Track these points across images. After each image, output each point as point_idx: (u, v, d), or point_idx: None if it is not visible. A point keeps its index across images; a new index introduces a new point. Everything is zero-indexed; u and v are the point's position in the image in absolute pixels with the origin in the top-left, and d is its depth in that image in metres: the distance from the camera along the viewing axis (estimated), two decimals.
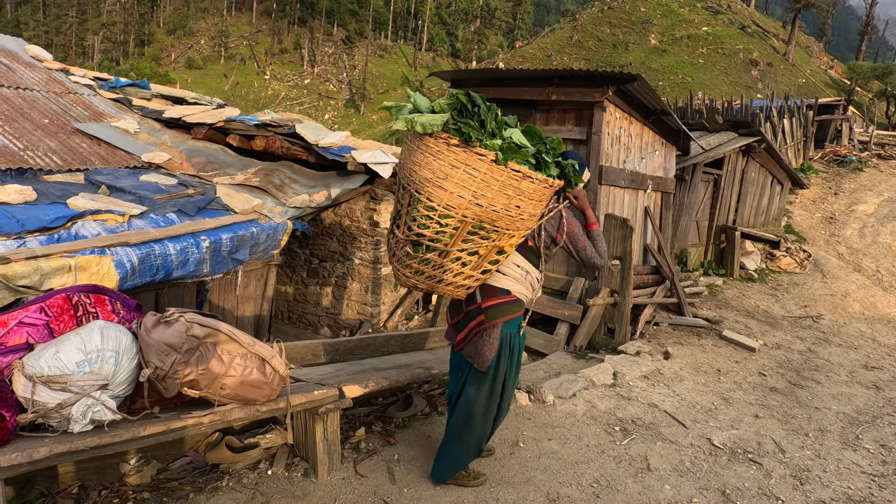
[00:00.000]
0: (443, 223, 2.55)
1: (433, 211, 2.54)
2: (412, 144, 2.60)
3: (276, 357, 2.70)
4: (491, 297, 2.88)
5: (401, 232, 2.66)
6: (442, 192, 2.50)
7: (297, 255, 8.27)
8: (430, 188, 2.52)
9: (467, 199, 2.50)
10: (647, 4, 50.32)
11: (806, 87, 37.67)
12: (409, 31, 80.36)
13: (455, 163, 2.47)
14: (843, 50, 69.63)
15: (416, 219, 2.58)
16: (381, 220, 7.67)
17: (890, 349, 7.97)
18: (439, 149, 2.48)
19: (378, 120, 63.08)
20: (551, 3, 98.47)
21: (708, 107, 18.91)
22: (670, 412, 4.76)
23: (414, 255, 2.66)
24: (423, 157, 2.53)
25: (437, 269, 2.68)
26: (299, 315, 8.30)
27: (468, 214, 2.53)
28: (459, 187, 2.48)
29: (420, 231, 2.58)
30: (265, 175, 7.11)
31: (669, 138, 9.01)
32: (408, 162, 2.62)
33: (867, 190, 16.00)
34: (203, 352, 2.55)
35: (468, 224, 2.56)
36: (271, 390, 2.68)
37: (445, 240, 2.59)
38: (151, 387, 2.48)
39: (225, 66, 64.89)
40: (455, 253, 2.63)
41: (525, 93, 7.38)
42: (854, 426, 5.04)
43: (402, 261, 2.72)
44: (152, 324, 2.53)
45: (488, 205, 2.52)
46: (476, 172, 2.47)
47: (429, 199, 2.53)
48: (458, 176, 2.47)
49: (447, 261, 2.65)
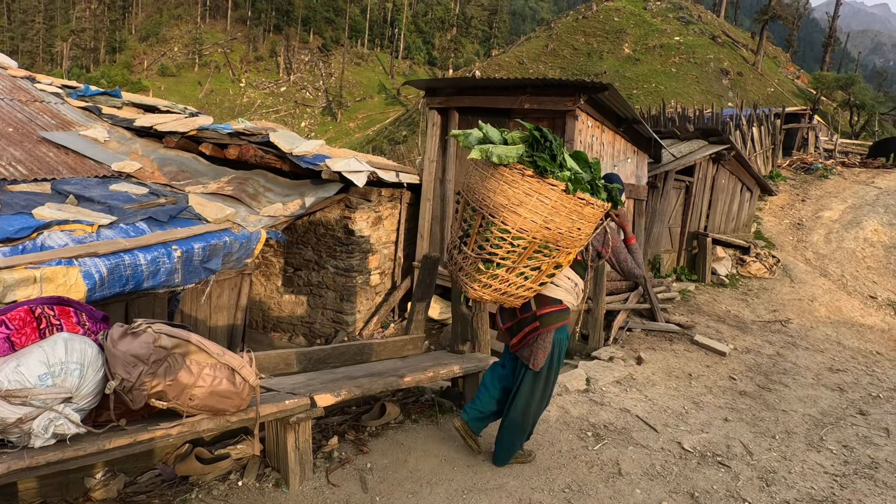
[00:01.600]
0: (514, 244, 2.85)
1: (507, 233, 2.82)
2: (485, 172, 2.86)
3: (246, 367, 2.69)
4: (545, 305, 3.24)
5: (470, 250, 2.97)
6: (516, 217, 2.79)
7: (272, 263, 8.22)
8: (504, 213, 2.80)
9: (539, 223, 2.80)
10: (620, 14, 51.05)
11: (774, 96, 38.54)
12: (385, 39, 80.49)
13: (529, 191, 2.76)
14: (809, 61, 71.53)
15: (488, 239, 2.87)
16: (356, 229, 7.67)
17: (854, 352, 8.18)
18: (514, 178, 2.76)
19: (355, 128, 63.00)
20: (527, 12, 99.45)
21: (680, 115, 19.26)
22: (642, 417, 4.82)
23: (484, 271, 2.96)
24: (497, 185, 2.80)
25: (503, 283, 3.00)
26: (274, 324, 8.23)
27: (538, 236, 2.83)
28: (532, 213, 2.78)
29: (493, 251, 2.88)
30: (239, 184, 7.06)
31: (641, 146, 9.17)
32: (480, 188, 2.88)
33: (832, 197, 16.43)
34: (171, 363, 2.53)
35: (536, 244, 2.87)
36: (241, 400, 2.66)
37: (514, 258, 2.90)
38: (118, 399, 2.45)
39: (199, 74, 64.28)
40: (520, 269, 2.95)
41: (499, 101, 7.46)
42: (819, 428, 5.17)
43: (472, 276, 3.01)
44: (119, 335, 2.50)
45: (555, 228, 2.83)
46: (548, 200, 2.77)
47: (503, 222, 2.81)
48: (532, 203, 2.76)
49: (513, 275, 2.97)
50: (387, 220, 8.20)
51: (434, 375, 3.97)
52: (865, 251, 12.74)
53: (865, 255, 12.63)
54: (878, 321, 9.96)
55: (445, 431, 4.06)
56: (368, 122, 63.36)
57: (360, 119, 64.72)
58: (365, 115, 65.65)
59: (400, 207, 8.42)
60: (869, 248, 12.83)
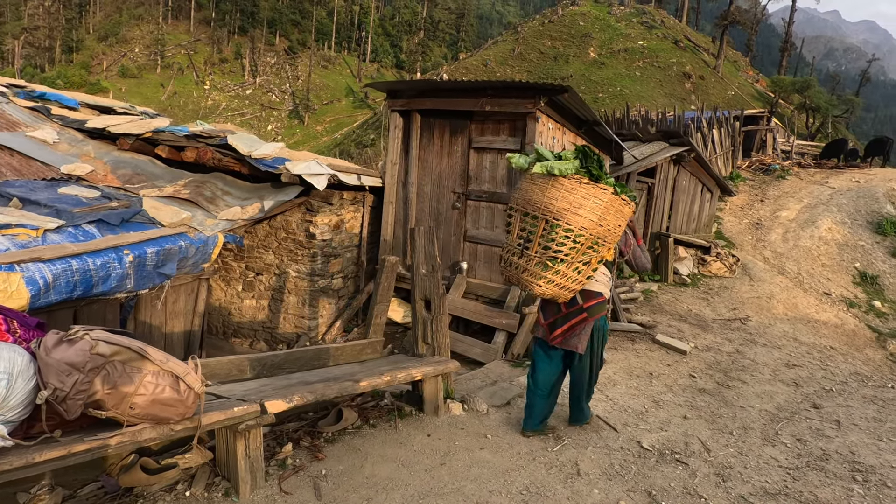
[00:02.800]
0: (577, 241, 3.43)
1: (571, 232, 3.40)
2: (545, 184, 3.45)
3: (190, 374, 2.60)
4: (590, 299, 3.83)
5: (534, 252, 3.50)
6: (578, 218, 3.39)
7: (232, 268, 8.05)
8: (568, 216, 3.39)
9: (595, 221, 3.42)
10: (585, 19, 51.80)
11: (735, 99, 39.51)
12: (353, 42, 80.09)
13: (586, 195, 3.39)
14: (767, 65, 73.55)
15: (553, 239, 3.43)
16: (317, 232, 7.56)
17: (809, 347, 8.39)
18: (573, 186, 3.38)
19: (323, 131, 62.45)
20: (494, 16, 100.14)
21: (644, 117, 19.56)
22: (602, 417, 4.84)
23: (551, 267, 3.49)
24: (559, 193, 3.40)
25: (563, 278, 3.54)
26: (235, 330, 8.07)
27: (594, 233, 3.44)
28: (590, 213, 3.40)
29: (558, 248, 3.43)
30: (196, 187, 6.91)
31: (603, 148, 9.27)
32: (541, 198, 3.45)
33: (789, 197, 16.87)
34: (110, 370, 2.44)
35: (591, 240, 3.46)
36: (186, 408, 2.58)
37: (574, 254, 3.46)
38: (52, 410, 2.34)
39: (162, 76, 62.95)
40: (576, 264, 3.51)
41: (461, 104, 7.45)
42: (774, 422, 5.27)
43: (537, 274, 3.54)
44: (53, 343, 2.40)
45: (606, 225, 3.46)
46: (601, 202, 3.41)
47: (567, 223, 3.39)
48: (589, 205, 3.39)
49: (570, 270, 3.52)
50: (349, 223, 8.12)
51: (391, 379, 3.93)
52: (820, 249, 13.11)
53: (820, 252, 12.99)
54: (832, 317, 10.24)
55: (404, 435, 4.02)
56: (336, 126, 62.92)
57: (328, 122, 64.22)
58: (332, 118, 65.17)
59: (363, 211, 8.34)
60: (824, 247, 13.21)
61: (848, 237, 13.55)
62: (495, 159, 7.48)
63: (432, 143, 7.93)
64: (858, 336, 9.77)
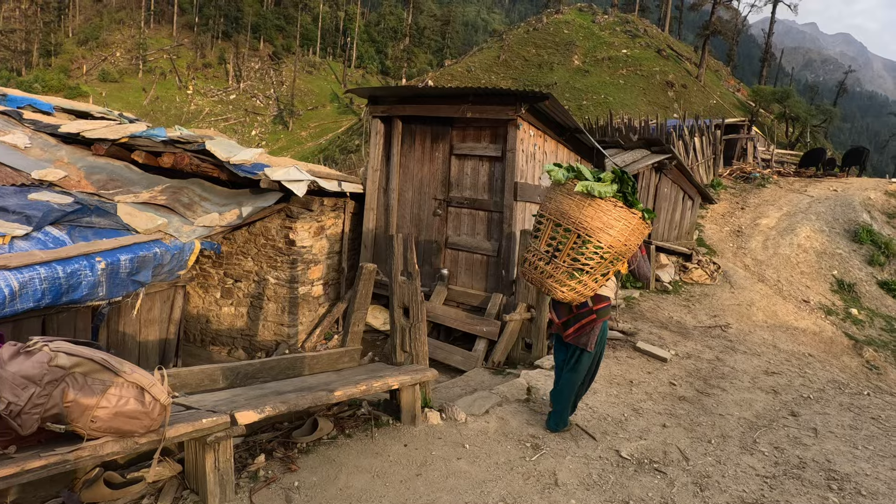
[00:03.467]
0: (604, 257, 3.81)
1: (600, 249, 3.78)
2: (582, 202, 3.77)
3: (156, 385, 2.53)
4: (599, 302, 4.21)
5: (562, 261, 3.87)
6: (607, 237, 3.76)
7: (211, 275, 7.94)
8: (600, 234, 3.75)
9: (621, 241, 3.80)
10: (570, 27, 52.15)
11: (717, 107, 39.96)
12: (338, 48, 80.00)
13: (618, 218, 3.74)
14: (748, 75, 74.65)
15: (583, 253, 3.80)
16: (297, 239, 7.49)
17: (788, 355, 8.45)
18: (608, 208, 3.73)
19: (307, 136, 62.19)
20: (479, 23, 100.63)
21: (626, 125, 19.69)
22: (581, 425, 4.81)
23: (576, 277, 3.87)
24: (594, 213, 3.74)
25: (584, 286, 3.92)
26: (213, 337, 7.95)
27: (618, 251, 3.83)
28: (619, 233, 3.77)
29: (586, 262, 3.81)
30: (173, 193, 6.81)
31: (584, 155, 9.30)
32: (577, 214, 3.78)
33: (769, 205, 17.06)
34: (70, 383, 2.36)
35: (612, 256, 3.83)
36: (151, 421, 2.50)
37: (598, 267, 3.84)
38: (6, 424, 2.26)
39: (144, 80, 62.30)
40: (596, 275, 3.89)
41: (442, 110, 7.43)
42: (753, 430, 5.28)
43: (562, 282, 3.91)
44: (10, 355, 2.32)
45: (629, 245, 3.86)
46: (629, 225, 3.78)
47: (598, 242, 3.76)
48: (619, 227, 3.75)
49: (591, 280, 3.90)
50: (330, 229, 8.05)
51: (367, 388, 3.87)
52: (799, 257, 13.25)
53: (799, 260, 13.13)
54: (811, 324, 10.33)
55: (380, 445, 3.96)
56: (321, 131, 62.69)
57: (313, 128, 63.98)
58: (317, 124, 64.94)
59: (343, 217, 8.27)
60: (802, 254, 13.35)
61: (826, 245, 13.72)
62: (476, 166, 7.46)
63: (414, 149, 7.90)
64: (836, 343, 9.86)
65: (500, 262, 7.25)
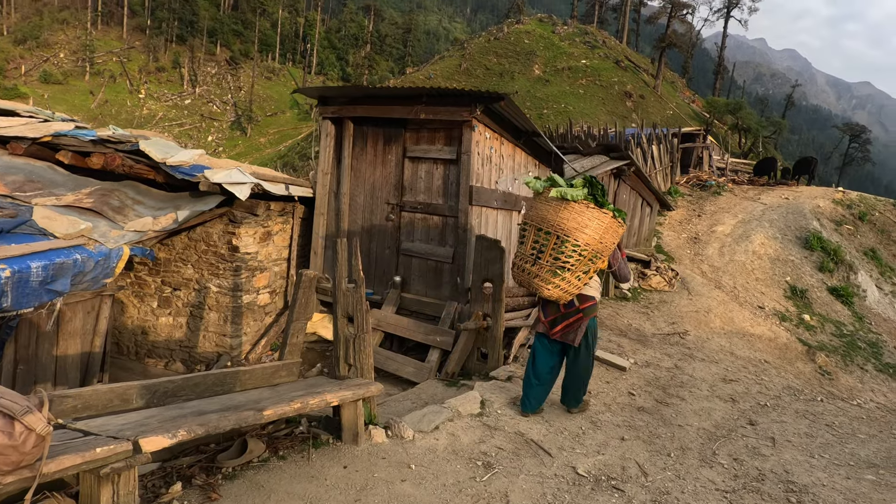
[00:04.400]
0: (582, 254, 4.22)
1: (577, 247, 4.20)
2: (558, 206, 4.20)
3: (31, 412, 2.15)
4: (585, 301, 4.65)
5: (545, 261, 4.27)
6: (584, 236, 4.18)
7: (147, 283, 7.44)
8: (576, 234, 4.18)
9: (597, 239, 4.22)
10: (530, 37, 52.68)
11: (673, 117, 40.82)
12: (297, 55, 79.03)
13: (591, 218, 4.17)
14: (702, 87, 76.71)
15: (563, 252, 4.22)
16: (241, 245, 7.08)
17: (745, 361, 8.41)
18: (581, 209, 4.17)
19: (266, 143, 61.12)
20: (441, 32, 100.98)
21: (586, 133, 19.75)
22: (536, 441, 4.56)
23: (559, 275, 4.27)
24: (569, 214, 4.17)
25: (567, 284, 4.33)
26: (149, 349, 7.44)
27: (595, 248, 4.24)
28: (593, 232, 4.19)
29: (566, 260, 4.23)
30: (102, 196, 6.33)
31: (543, 160, 9.13)
32: (554, 217, 4.21)
33: (725, 212, 17.30)
34: None
35: (591, 254, 4.24)
36: (21, 455, 2.12)
37: (577, 265, 4.25)
38: None
39: (91, 83, 60.07)
40: (578, 273, 4.30)
41: (395, 111, 7.15)
42: (712, 441, 5.12)
43: (547, 280, 4.31)
44: None
45: (604, 242, 4.28)
46: (602, 223, 4.20)
47: (575, 240, 4.18)
48: (593, 226, 4.18)
49: (573, 278, 4.31)
50: (277, 235, 7.65)
51: (302, 406, 3.52)
52: (754, 263, 13.39)
53: (754, 267, 13.27)
54: (766, 330, 10.37)
55: (317, 468, 3.61)
56: (280, 138, 61.69)
57: (272, 134, 62.91)
58: (277, 130, 63.90)
59: (292, 222, 7.89)
60: (757, 261, 13.50)
61: (779, 252, 13.92)
62: (431, 169, 7.19)
63: (365, 151, 7.58)
64: (790, 349, 9.92)
65: (455, 268, 6.98)
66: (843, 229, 15.81)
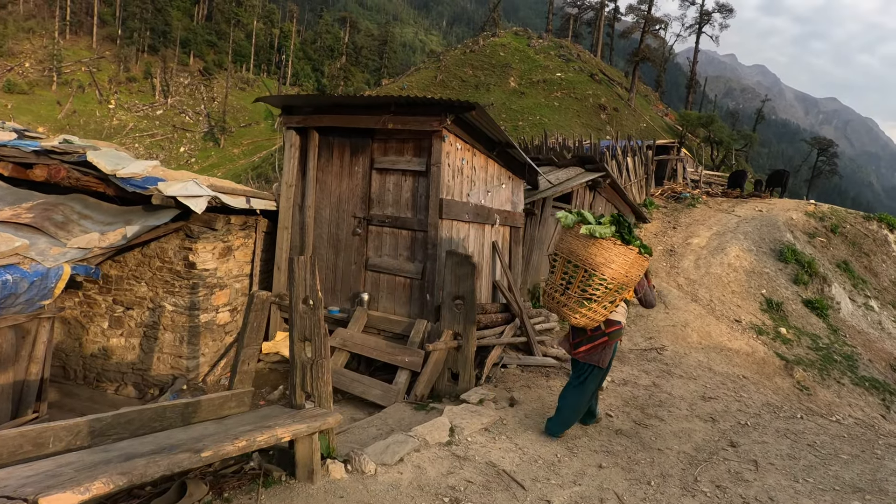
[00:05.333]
0: (608, 287, 4.48)
1: (604, 281, 4.46)
2: (587, 242, 4.47)
3: None
4: (611, 326, 4.90)
5: (573, 292, 4.57)
6: (610, 270, 4.45)
7: (97, 302, 7.00)
8: (602, 268, 4.44)
9: (622, 273, 4.47)
10: (506, 50, 52.84)
11: (647, 130, 41.13)
12: (272, 65, 78.41)
13: (617, 254, 4.43)
14: (675, 100, 77.91)
15: (590, 285, 4.49)
16: (198, 261, 6.68)
17: (723, 377, 8.22)
18: (608, 246, 4.43)
19: (240, 154, 60.28)
20: (417, 44, 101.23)
21: (561, 145, 19.68)
22: (509, 471, 4.26)
23: (586, 305, 4.55)
24: (597, 250, 4.44)
25: (594, 313, 4.61)
26: (98, 373, 6.98)
27: (620, 281, 4.49)
28: (619, 267, 4.45)
29: (593, 292, 4.50)
30: (44, 210, 5.91)
31: (516, 171, 8.90)
32: (583, 252, 4.49)
33: (700, 224, 17.28)
34: None
35: (616, 286, 4.50)
36: None
37: (604, 296, 4.52)
38: None
39: (59, 93, 58.57)
40: (605, 302, 4.57)
41: (362, 121, 6.85)
42: (693, 466, 4.86)
43: (575, 309, 4.60)
44: None
45: (630, 276, 4.53)
46: (628, 259, 4.46)
47: (602, 275, 4.45)
48: (619, 261, 4.44)
49: (600, 307, 4.58)
50: (238, 250, 7.27)
51: (248, 444, 3.18)
52: (730, 276, 13.31)
53: (730, 279, 13.18)
54: (743, 344, 10.23)
55: None
56: (254, 149, 60.89)
57: (246, 145, 62.07)
58: (250, 141, 63.08)
59: (255, 237, 7.51)
60: (733, 273, 13.42)
61: (754, 264, 13.87)
62: (399, 181, 6.89)
63: (331, 163, 7.26)
64: (768, 364, 9.78)
65: (424, 285, 6.67)
66: (816, 241, 15.87)
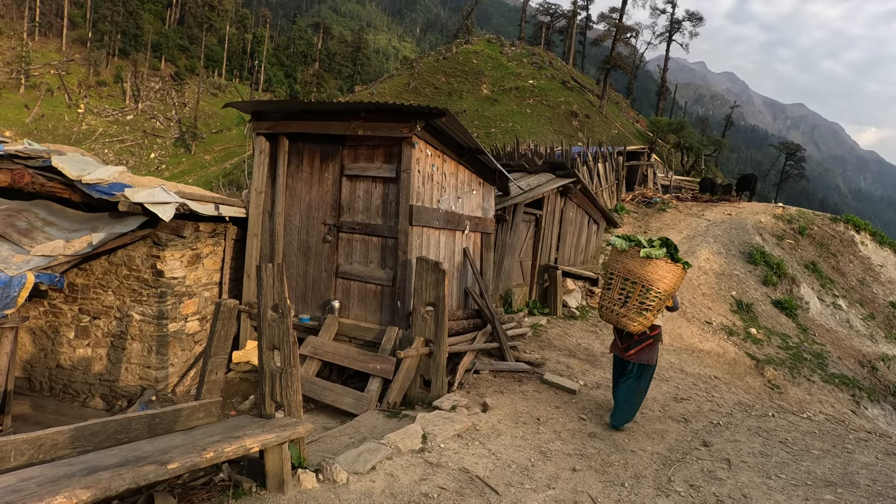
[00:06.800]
0: (661, 299, 5.41)
1: (660, 294, 5.37)
2: (642, 262, 5.39)
3: None
4: (654, 329, 5.70)
5: (632, 304, 5.43)
6: (663, 285, 5.36)
7: (62, 312, 6.82)
8: (658, 284, 5.35)
9: (671, 286, 5.41)
10: (478, 57, 53.16)
11: (619, 136, 41.69)
12: (245, 71, 77.71)
13: (669, 271, 5.38)
14: (646, 107, 79.22)
15: (648, 297, 5.38)
16: (166, 269, 6.56)
17: (695, 378, 8.33)
18: (662, 264, 5.36)
19: (211, 160, 59.54)
20: (391, 51, 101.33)
21: (533, 151, 19.79)
22: (482, 477, 4.24)
23: (644, 315, 5.41)
24: (653, 269, 5.35)
25: (646, 319, 5.45)
26: (64, 385, 6.79)
27: (669, 293, 5.42)
28: (670, 281, 5.38)
29: (651, 303, 5.38)
30: (7, 217, 5.77)
31: (487, 178, 8.93)
32: (640, 270, 5.39)
33: (670, 228, 17.54)
34: None
35: (666, 297, 5.42)
36: None
37: (656, 305, 5.41)
38: None
39: (27, 96, 57.34)
40: (654, 311, 5.43)
41: (332, 127, 6.81)
42: (667, 467, 4.91)
43: (634, 319, 5.44)
44: None
45: (675, 288, 5.46)
46: (675, 274, 5.41)
47: (657, 289, 5.36)
48: (670, 277, 5.37)
49: (650, 315, 5.44)
50: (208, 258, 7.15)
51: (216, 456, 3.11)
52: (700, 279, 13.52)
53: (700, 282, 13.39)
54: (714, 346, 10.40)
55: None
56: (226, 155, 60.17)
57: (217, 151, 61.32)
58: (222, 147, 62.35)
59: (224, 244, 7.40)
60: (703, 276, 13.65)
61: (724, 267, 14.12)
62: (370, 188, 6.85)
63: (301, 169, 7.19)
64: (739, 364, 9.95)
65: (395, 292, 6.63)
66: (785, 243, 16.23)
